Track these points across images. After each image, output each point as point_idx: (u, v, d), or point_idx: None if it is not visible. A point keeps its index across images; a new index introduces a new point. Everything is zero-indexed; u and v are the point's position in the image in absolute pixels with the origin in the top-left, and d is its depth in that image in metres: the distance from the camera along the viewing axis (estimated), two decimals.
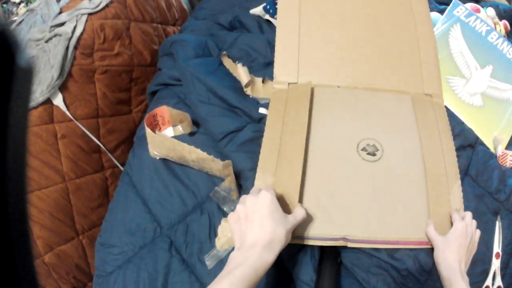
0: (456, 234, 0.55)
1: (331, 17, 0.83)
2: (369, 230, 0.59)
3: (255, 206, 0.47)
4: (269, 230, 0.45)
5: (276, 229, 0.45)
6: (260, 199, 0.47)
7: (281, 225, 0.46)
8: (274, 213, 0.46)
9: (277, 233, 0.45)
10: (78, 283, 0.88)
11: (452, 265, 0.52)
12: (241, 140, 0.69)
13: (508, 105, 0.82)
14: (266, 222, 0.45)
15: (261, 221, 0.46)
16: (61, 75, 0.82)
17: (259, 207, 0.47)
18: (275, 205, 0.47)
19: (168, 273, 0.60)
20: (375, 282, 0.56)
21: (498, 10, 0.99)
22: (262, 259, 0.43)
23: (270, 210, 0.46)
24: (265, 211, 0.46)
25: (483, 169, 0.71)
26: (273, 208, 0.47)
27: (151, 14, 1.05)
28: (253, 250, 0.44)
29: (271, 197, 0.48)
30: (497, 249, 0.62)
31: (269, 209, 0.46)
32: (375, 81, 0.78)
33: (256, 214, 0.46)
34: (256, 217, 0.46)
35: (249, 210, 0.47)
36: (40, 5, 0.92)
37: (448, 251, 0.53)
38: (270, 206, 0.47)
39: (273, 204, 0.47)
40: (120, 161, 0.98)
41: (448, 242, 0.54)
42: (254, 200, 0.48)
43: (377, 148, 0.68)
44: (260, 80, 0.77)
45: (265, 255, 0.44)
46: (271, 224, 0.45)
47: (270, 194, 0.48)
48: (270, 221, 0.45)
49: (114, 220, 0.67)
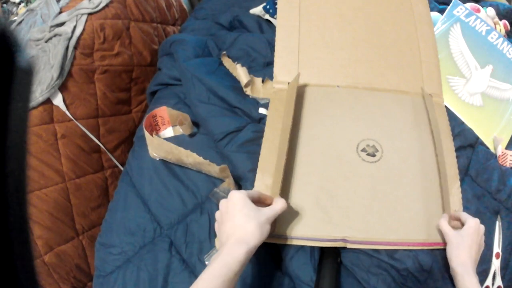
0: (470, 230, 0.55)
1: (331, 16, 0.83)
2: (368, 231, 0.59)
3: (227, 208, 0.49)
4: (239, 225, 0.47)
5: (246, 223, 0.47)
6: (229, 199, 0.49)
7: (252, 219, 0.47)
8: (243, 209, 0.48)
9: (248, 226, 0.47)
10: (78, 283, 0.88)
11: (465, 261, 0.52)
12: (241, 141, 0.69)
13: (508, 105, 0.82)
14: (237, 218, 0.47)
15: (232, 219, 0.48)
16: (61, 75, 0.82)
17: (229, 207, 0.49)
18: (243, 202, 0.49)
19: (168, 273, 0.60)
20: (375, 282, 0.56)
21: (498, 10, 0.99)
22: (233, 253, 0.44)
23: (239, 207, 0.48)
24: (235, 208, 0.48)
25: (483, 169, 0.71)
26: (242, 205, 0.48)
27: (151, 14, 1.05)
28: (224, 246, 0.46)
29: (239, 195, 0.49)
30: (497, 249, 0.62)
31: (239, 206, 0.48)
32: (375, 81, 0.78)
33: (228, 214, 0.49)
34: (229, 217, 0.48)
35: (223, 212, 0.50)
36: (40, 5, 0.92)
37: (462, 248, 0.54)
38: (239, 203, 0.48)
39: (241, 200, 0.49)
40: (120, 161, 0.98)
41: (462, 238, 0.54)
42: (225, 202, 0.50)
43: (377, 149, 0.68)
44: (260, 80, 0.77)
45: (236, 248, 0.45)
46: (241, 219, 0.47)
47: (239, 192, 0.50)
48: (240, 217, 0.47)
49: (114, 220, 0.67)
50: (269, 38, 0.84)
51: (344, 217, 0.60)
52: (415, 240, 0.59)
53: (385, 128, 0.71)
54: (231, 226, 0.47)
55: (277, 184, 0.58)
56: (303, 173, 0.64)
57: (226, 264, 0.43)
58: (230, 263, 0.44)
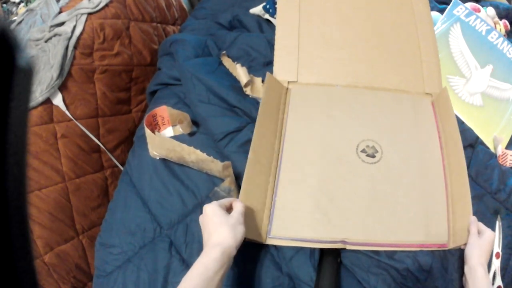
0: (490, 239, 0.57)
1: (331, 16, 0.83)
2: (367, 232, 0.59)
3: (202, 221, 0.53)
4: (212, 231, 0.51)
5: (218, 229, 0.50)
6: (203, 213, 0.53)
7: (223, 224, 0.51)
8: (214, 218, 0.51)
9: (220, 231, 0.50)
10: (78, 283, 0.88)
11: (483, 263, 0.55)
12: (241, 141, 0.69)
13: (508, 105, 0.82)
14: (210, 226, 0.51)
15: (207, 228, 0.52)
16: (61, 75, 0.81)
17: (204, 219, 0.53)
18: (213, 212, 0.52)
19: (168, 273, 0.60)
20: (375, 282, 0.56)
21: (498, 10, 0.98)
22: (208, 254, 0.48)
23: (210, 216, 0.52)
24: (208, 219, 0.52)
25: (483, 169, 0.71)
26: (212, 214, 0.52)
27: (151, 13, 1.05)
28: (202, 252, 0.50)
29: (210, 207, 0.53)
30: (497, 249, 0.62)
31: (209, 216, 0.52)
32: (376, 80, 0.78)
33: (203, 225, 0.53)
34: (204, 227, 0.52)
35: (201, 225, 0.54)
36: (40, 5, 0.92)
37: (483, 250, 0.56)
38: (209, 214, 0.52)
39: (211, 211, 0.52)
40: (120, 161, 0.98)
41: (484, 242, 0.57)
42: (201, 217, 0.53)
43: (377, 149, 0.68)
44: (260, 80, 0.77)
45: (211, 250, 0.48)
46: (213, 226, 0.51)
47: (209, 205, 0.53)
48: (212, 225, 0.51)
49: (114, 220, 0.67)
50: (269, 38, 0.84)
51: (344, 219, 0.60)
52: (414, 242, 0.59)
53: (385, 128, 0.71)
54: (207, 234, 0.51)
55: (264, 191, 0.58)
56: (302, 173, 0.64)
57: (202, 264, 0.48)
58: (206, 263, 0.47)
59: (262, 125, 0.67)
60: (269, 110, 0.70)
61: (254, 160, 0.62)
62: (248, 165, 0.62)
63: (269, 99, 0.71)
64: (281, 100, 0.74)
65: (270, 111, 0.70)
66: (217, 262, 0.47)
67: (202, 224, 0.53)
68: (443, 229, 0.61)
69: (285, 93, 0.75)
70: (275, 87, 0.74)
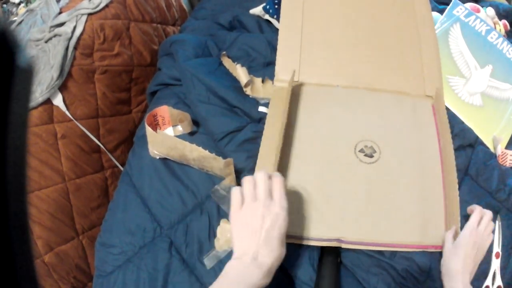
0: (463, 241, 0.54)
1: (334, 17, 0.83)
2: (362, 232, 0.59)
3: (263, 215, 0.46)
4: (276, 256, 0.45)
5: (280, 254, 0.46)
6: (272, 211, 0.46)
7: (283, 245, 0.46)
8: (283, 236, 0.46)
9: (280, 256, 0.46)
10: (78, 283, 0.88)
11: (454, 276, 0.51)
12: (241, 140, 0.69)
13: (507, 105, 0.82)
14: (276, 245, 0.45)
15: (271, 242, 0.45)
16: (61, 75, 0.82)
17: (273, 226, 0.46)
18: (286, 225, 0.47)
19: (168, 273, 0.60)
20: (375, 282, 0.56)
21: (497, 10, 0.98)
22: (250, 274, 0.44)
23: (282, 231, 0.46)
24: (281, 232, 0.46)
25: (483, 169, 0.71)
26: (284, 230, 0.46)
27: (151, 14, 1.05)
28: (240, 261, 0.45)
29: (284, 216, 0.47)
30: (497, 249, 0.62)
31: (282, 230, 0.46)
32: (376, 82, 0.78)
33: (269, 233, 0.45)
34: (270, 239, 0.45)
35: (256, 215, 0.46)
36: (40, 5, 0.92)
37: (454, 262, 0.53)
38: (283, 227, 0.46)
39: (285, 223, 0.47)
40: (120, 161, 0.98)
41: (454, 250, 0.54)
42: (266, 207, 0.46)
43: (375, 150, 0.68)
44: (260, 80, 0.77)
45: (253, 270, 0.44)
46: (278, 248, 0.45)
47: (284, 212, 0.47)
48: (278, 245, 0.45)
49: (114, 220, 0.67)
50: (269, 38, 0.84)
51: (339, 218, 0.60)
52: (410, 242, 0.59)
53: (383, 129, 0.71)
54: (269, 250, 0.45)
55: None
56: (299, 172, 0.65)
57: (239, 284, 0.42)
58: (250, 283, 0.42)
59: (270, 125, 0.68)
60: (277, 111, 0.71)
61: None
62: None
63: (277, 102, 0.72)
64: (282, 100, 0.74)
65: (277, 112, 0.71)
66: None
67: (261, 216, 0.45)
68: (440, 231, 0.61)
69: (285, 93, 0.75)
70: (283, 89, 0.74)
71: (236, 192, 0.49)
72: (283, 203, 0.47)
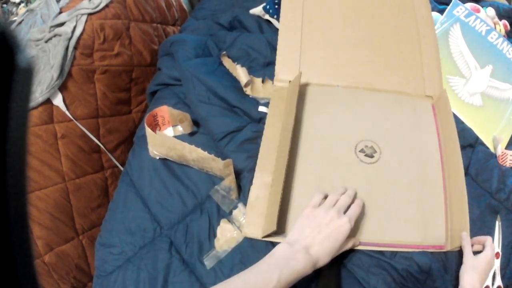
0: (487, 258, 0.56)
1: (334, 17, 0.83)
2: (363, 232, 0.59)
3: (333, 226, 0.51)
4: (323, 256, 0.50)
5: (325, 259, 0.50)
6: (341, 221, 0.52)
7: (330, 255, 0.51)
8: (337, 245, 0.51)
9: (324, 261, 0.50)
10: (78, 283, 0.88)
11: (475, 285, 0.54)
12: (241, 140, 0.69)
13: (507, 105, 0.82)
14: (328, 248, 0.50)
15: (326, 243, 0.50)
16: (61, 75, 0.82)
17: (336, 230, 0.51)
18: (344, 238, 0.51)
19: (168, 273, 0.60)
20: (375, 282, 0.56)
21: (498, 10, 0.99)
22: (299, 264, 0.48)
23: (339, 240, 0.51)
24: (339, 240, 0.51)
25: (483, 169, 0.71)
26: (341, 241, 0.51)
27: (151, 14, 1.05)
28: (301, 255, 0.48)
29: (348, 230, 0.52)
30: (497, 249, 0.62)
31: (340, 239, 0.51)
32: (376, 82, 0.78)
33: (329, 234, 0.51)
34: (328, 239, 0.50)
35: (325, 221, 0.52)
36: (40, 5, 0.92)
37: (477, 271, 0.55)
38: (341, 237, 0.51)
39: (345, 236, 0.52)
40: (120, 161, 0.98)
41: (479, 262, 0.56)
42: (337, 222, 0.52)
43: (375, 150, 0.68)
44: (260, 80, 0.77)
45: (304, 261, 0.48)
46: (328, 252, 0.50)
47: (349, 228, 0.52)
48: (330, 250, 0.50)
49: (114, 220, 0.67)
50: (269, 38, 0.84)
51: None
52: (411, 243, 0.59)
53: (384, 129, 0.71)
54: (323, 250, 0.49)
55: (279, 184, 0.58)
56: (300, 172, 0.65)
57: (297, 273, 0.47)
58: (297, 274, 0.47)
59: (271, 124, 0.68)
60: (277, 111, 0.71)
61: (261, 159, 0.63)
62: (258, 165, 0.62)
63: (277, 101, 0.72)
64: (283, 100, 0.74)
65: (277, 112, 0.71)
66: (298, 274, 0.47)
67: (326, 224, 0.51)
68: (440, 231, 0.61)
69: (288, 93, 0.75)
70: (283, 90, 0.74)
71: (318, 195, 0.57)
72: (352, 222, 0.53)
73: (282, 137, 0.66)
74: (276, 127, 0.68)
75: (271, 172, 0.63)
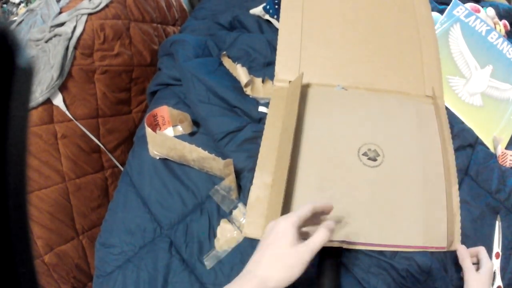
0: (489, 272, 0.56)
1: (334, 17, 0.83)
2: (366, 236, 0.59)
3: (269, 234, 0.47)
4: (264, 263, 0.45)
5: (272, 267, 0.46)
6: (274, 227, 0.47)
7: (280, 260, 0.46)
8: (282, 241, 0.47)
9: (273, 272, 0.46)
10: (78, 283, 0.88)
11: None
12: (241, 140, 0.69)
13: (508, 105, 0.82)
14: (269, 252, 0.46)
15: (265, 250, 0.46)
16: (61, 75, 0.82)
17: (271, 235, 0.47)
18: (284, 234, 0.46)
19: (168, 273, 0.60)
20: (375, 282, 0.56)
21: (498, 10, 0.98)
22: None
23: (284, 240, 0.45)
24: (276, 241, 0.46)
25: (483, 169, 0.71)
26: (282, 235, 0.46)
27: (151, 14, 1.05)
28: (238, 278, 0.45)
29: (284, 225, 0.46)
30: (497, 249, 0.62)
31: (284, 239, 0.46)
32: (376, 82, 0.78)
33: (267, 241, 0.47)
34: (264, 246, 0.47)
35: (264, 235, 0.48)
36: (40, 5, 0.92)
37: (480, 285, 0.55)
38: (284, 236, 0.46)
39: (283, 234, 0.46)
40: (120, 161, 0.98)
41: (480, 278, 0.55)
42: (271, 227, 0.48)
43: (378, 153, 0.68)
44: (260, 80, 0.77)
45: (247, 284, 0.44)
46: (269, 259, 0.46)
47: (285, 221, 0.46)
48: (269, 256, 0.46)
49: (114, 220, 0.67)
50: (269, 38, 0.84)
51: (342, 222, 0.60)
52: (413, 245, 0.59)
53: (387, 132, 0.71)
54: (259, 257, 0.44)
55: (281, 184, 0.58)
56: (301, 174, 0.64)
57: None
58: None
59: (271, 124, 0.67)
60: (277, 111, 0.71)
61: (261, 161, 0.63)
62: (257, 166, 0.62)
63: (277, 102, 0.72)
64: (283, 100, 0.74)
65: (277, 112, 0.71)
66: None
67: (266, 236, 0.45)
68: (442, 234, 0.61)
69: (289, 94, 0.75)
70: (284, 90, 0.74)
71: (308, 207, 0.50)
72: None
73: (283, 138, 0.66)
74: (276, 127, 0.68)
75: (271, 172, 0.63)
